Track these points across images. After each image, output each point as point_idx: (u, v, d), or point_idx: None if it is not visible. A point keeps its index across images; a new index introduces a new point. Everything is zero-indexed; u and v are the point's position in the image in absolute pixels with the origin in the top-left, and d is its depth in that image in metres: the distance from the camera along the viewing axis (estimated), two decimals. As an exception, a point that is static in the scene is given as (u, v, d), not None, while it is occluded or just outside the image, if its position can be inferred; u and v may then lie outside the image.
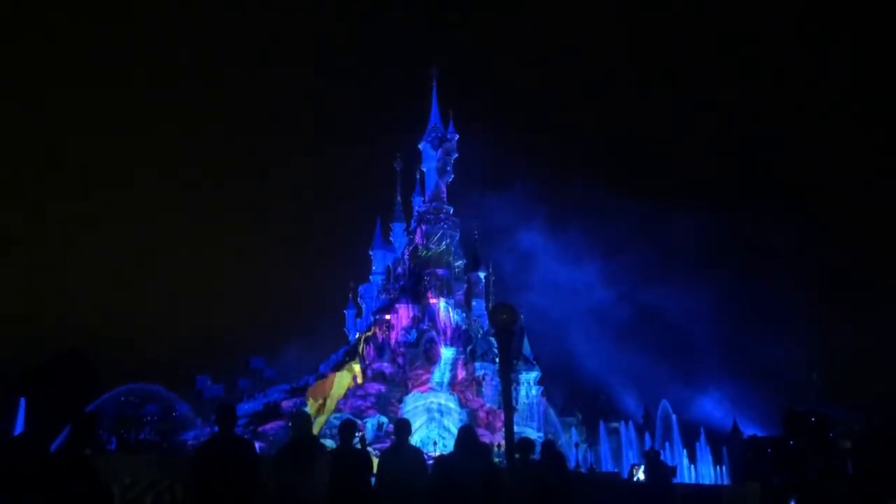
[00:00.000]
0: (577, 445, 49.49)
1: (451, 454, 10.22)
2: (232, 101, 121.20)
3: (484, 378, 51.04)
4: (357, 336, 57.23)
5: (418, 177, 59.55)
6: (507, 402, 11.03)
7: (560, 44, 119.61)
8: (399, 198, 61.32)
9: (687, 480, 45.24)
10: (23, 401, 40.99)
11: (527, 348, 53.01)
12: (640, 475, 32.29)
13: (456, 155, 55.73)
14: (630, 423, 53.71)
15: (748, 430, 59.52)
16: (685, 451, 49.53)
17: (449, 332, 51.86)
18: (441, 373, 49.65)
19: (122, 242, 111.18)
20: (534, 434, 45.06)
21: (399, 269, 57.27)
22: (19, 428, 38.85)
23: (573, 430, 53.35)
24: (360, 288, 60.45)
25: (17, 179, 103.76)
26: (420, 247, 54.58)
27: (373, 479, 9.90)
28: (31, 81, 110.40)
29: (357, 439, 10.93)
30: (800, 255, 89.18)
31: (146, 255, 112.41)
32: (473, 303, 56.37)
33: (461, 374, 50.83)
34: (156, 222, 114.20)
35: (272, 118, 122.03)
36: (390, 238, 61.11)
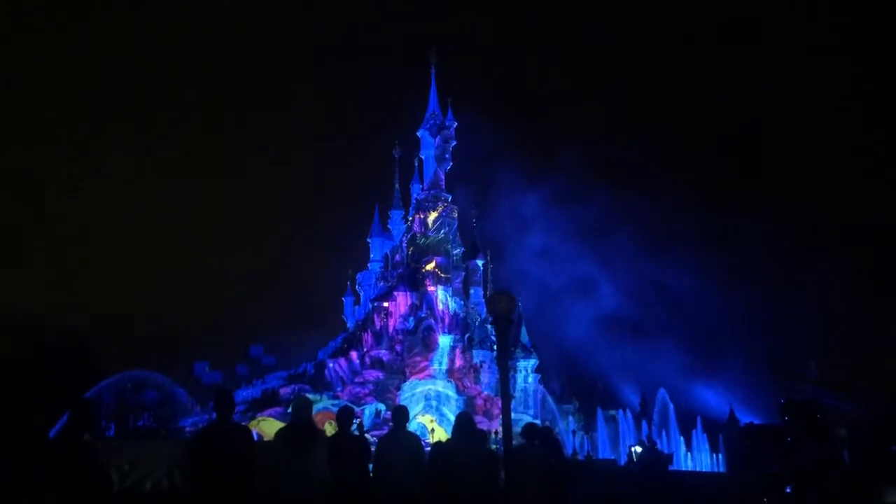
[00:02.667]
0: (574, 433, 49.72)
1: (448, 441, 10.28)
2: (230, 89, 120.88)
3: (482, 365, 51.17)
4: (355, 323, 57.30)
5: (417, 164, 59.52)
6: (505, 390, 11.06)
7: (561, 31, 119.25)
8: (397, 185, 61.27)
9: (684, 468, 45.45)
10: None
11: (524, 336, 53.10)
12: (637, 448, 32.42)
13: (455, 142, 55.68)
14: (628, 410, 53.89)
15: (745, 418, 59.70)
16: (682, 438, 49.71)
17: (447, 320, 51.97)
18: (439, 360, 49.75)
19: (122, 229, 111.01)
20: (533, 421, 45.20)
21: (397, 257, 57.31)
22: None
23: (570, 417, 53.57)
24: (358, 275, 60.45)
25: (20, 165, 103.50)
26: (418, 234, 54.62)
27: (370, 466, 9.95)
28: (33, 79, 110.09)
29: (355, 426, 10.97)
30: (797, 246, 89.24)
31: (145, 243, 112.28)
32: (471, 290, 56.52)
33: (459, 361, 50.95)
34: (156, 209, 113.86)
35: (272, 105, 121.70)
36: (388, 226, 61.07)
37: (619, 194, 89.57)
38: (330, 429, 36.34)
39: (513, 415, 11.21)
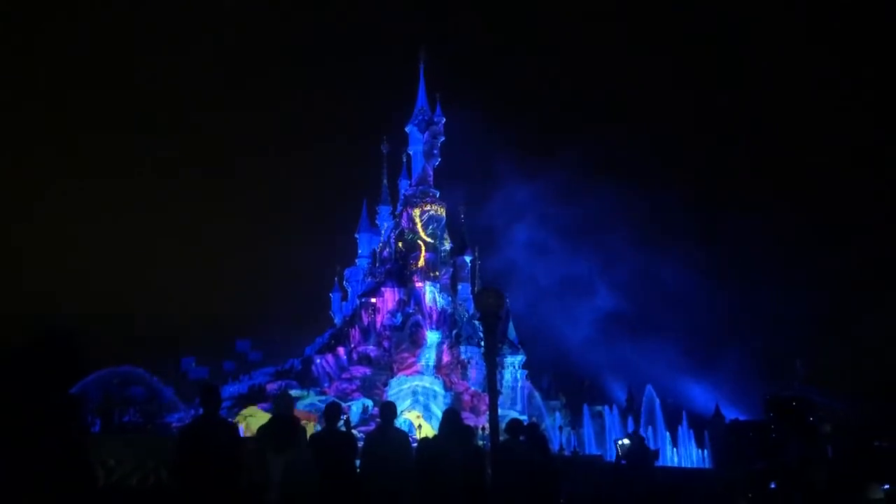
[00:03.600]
0: (560, 429, 49.80)
1: (435, 437, 10.29)
2: (225, 88, 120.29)
3: (469, 362, 51.19)
4: (343, 319, 57.18)
5: (405, 160, 59.35)
6: (492, 386, 11.10)
7: (559, 29, 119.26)
8: (385, 181, 61.04)
9: (669, 464, 45.64)
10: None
11: (512, 332, 53.17)
12: (625, 440, 32.45)
13: (443, 138, 55.57)
14: (614, 406, 54.06)
15: (730, 415, 60.07)
16: (668, 434, 49.93)
17: (434, 316, 51.93)
18: (426, 356, 49.72)
19: (106, 225, 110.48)
20: (518, 417, 45.26)
21: (385, 253, 57.22)
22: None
23: (557, 413, 53.65)
24: (346, 271, 60.31)
25: (15, 163, 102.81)
26: (406, 230, 54.56)
27: (358, 462, 9.95)
28: (33, 79, 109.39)
29: (342, 422, 10.99)
30: (786, 246, 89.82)
31: (133, 242, 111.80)
32: (459, 287, 56.48)
33: (446, 357, 50.95)
34: (144, 205, 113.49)
35: (261, 102, 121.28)
36: (376, 222, 60.92)
37: (610, 192, 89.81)
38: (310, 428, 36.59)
39: (500, 411, 11.25)
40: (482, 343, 46.44)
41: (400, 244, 55.05)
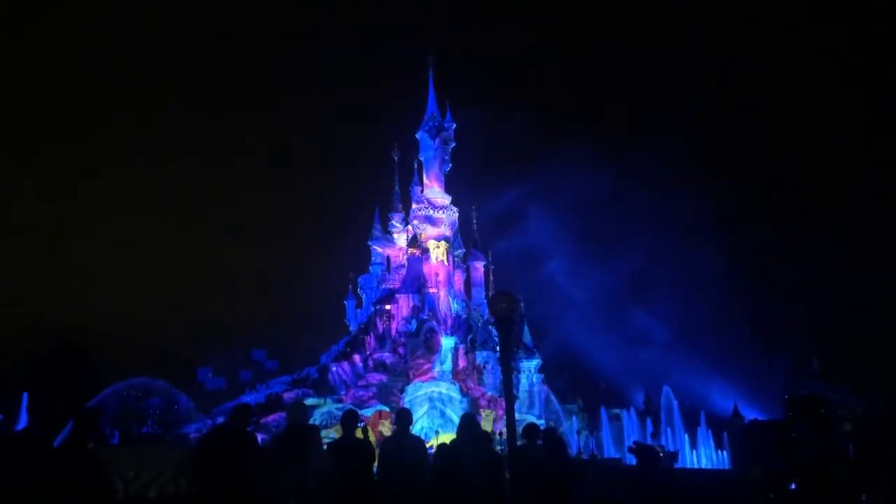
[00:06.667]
0: (578, 432, 49.64)
1: (452, 442, 10.29)
2: (230, 90, 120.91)
3: (485, 366, 51.14)
4: (358, 326, 57.26)
5: (416, 166, 59.40)
6: (508, 390, 11.08)
7: (560, 30, 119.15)
8: (397, 188, 61.12)
9: (689, 465, 45.43)
10: (25, 396, 41.16)
11: (527, 336, 53.09)
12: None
13: (454, 144, 55.71)
14: (632, 409, 53.81)
15: (749, 415, 59.67)
16: (686, 435, 49.66)
17: (449, 322, 51.94)
18: (442, 362, 49.70)
19: (121, 234, 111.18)
20: (535, 422, 45.10)
21: (398, 260, 57.30)
22: (23, 423, 39.01)
23: (574, 417, 53.46)
24: (359, 279, 60.34)
25: (14, 168, 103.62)
26: (419, 236, 54.61)
27: (375, 468, 9.97)
28: (32, 80, 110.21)
29: (362, 426, 11.01)
30: (803, 244, 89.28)
31: (146, 247, 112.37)
32: (473, 292, 56.51)
33: (462, 362, 50.91)
34: (156, 213, 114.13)
35: (271, 107, 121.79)
36: (389, 228, 60.96)
37: (622, 193, 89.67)
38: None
39: (517, 415, 11.25)
40: (497, 348, 46.43)
41: (413, 250, 55.13)
